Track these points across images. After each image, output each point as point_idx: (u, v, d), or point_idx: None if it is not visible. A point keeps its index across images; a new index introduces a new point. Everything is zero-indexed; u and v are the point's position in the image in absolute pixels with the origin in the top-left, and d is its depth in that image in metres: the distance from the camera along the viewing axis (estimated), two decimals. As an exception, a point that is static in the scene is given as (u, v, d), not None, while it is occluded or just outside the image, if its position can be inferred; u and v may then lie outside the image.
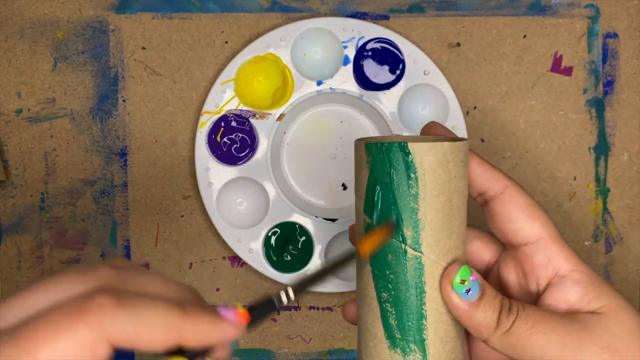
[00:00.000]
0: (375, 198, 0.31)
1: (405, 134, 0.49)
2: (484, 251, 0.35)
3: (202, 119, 0.49)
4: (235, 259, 0.50)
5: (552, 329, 0.30)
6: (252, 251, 0.49)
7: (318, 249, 0.49)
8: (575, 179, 0.51)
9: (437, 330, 0.31)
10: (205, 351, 0.26)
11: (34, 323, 0.24)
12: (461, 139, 0.32)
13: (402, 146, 0.30)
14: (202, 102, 0.50)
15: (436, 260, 0.31)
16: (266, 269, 0.49)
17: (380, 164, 0.31)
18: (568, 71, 0.51)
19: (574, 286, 0.32)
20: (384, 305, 0.32)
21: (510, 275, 0.34)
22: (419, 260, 0.31)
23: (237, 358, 0.51)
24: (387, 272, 0.31)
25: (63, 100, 0.50)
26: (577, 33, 0.51)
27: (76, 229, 0.50)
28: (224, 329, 0.26)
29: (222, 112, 0.49)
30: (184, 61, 0.50)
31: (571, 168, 0.51)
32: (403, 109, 0.49)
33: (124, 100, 0.50)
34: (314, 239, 0.49)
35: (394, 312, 0.31)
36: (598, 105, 0.51)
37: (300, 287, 0.29)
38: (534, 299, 0.33)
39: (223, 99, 0.49)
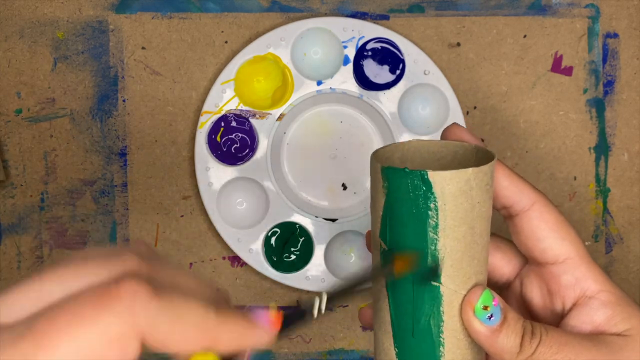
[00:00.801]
0: (391, 225, 0.30)
1: (405, 134, 0.49)
2: (504, 264, 0.34)
3: (202, 119, 0.49)
4: (235, 259, 0.50)
5: (577, 353, 0.29)
6: (252, 251, 0.49)
7: (318, 249, 0.49)
8: (575, 179, 0.51)
9: (454, 357, 0.31)
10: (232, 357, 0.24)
11: (52, 314, 0.20)
12: (488, 155, 0.30)
13: (421, 175, 0.28)
14: (202, 102, 0.50)
15: (455, 289, 0.30)
16: (266, 269, 0.49)
17: (397, 191, 0.29)
18: (568, 71, 0.51)
19: (601, 307, 0.31)
20: (400, 330, 0.31)
21: (534, 292, 0.33)
22: (437, 290, 0.30)
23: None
24: (404, 300, 0.30)
25: (63, 100, 0.50)
26: (578, 33, 0.51)
27: (76, 229, 0.50)
28: (258, 335, 0.24)
29: (222, 112, 0.49)
30: (183, 61, 0.50)
31: (571, 168, 0.51)
32: (403, 109, 0.49)
33: (123, 100, 0.50)
34: (314, 239, 0.49)
35: (410, 339, 0.31)
36: (598, 105, 0.51)
37: (336, 296, 0.28)
38: (557, 318, 0.32)
39: (223, 99, 0.49)
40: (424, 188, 0.28)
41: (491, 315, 0.29)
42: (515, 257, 0.34)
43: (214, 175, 0.49)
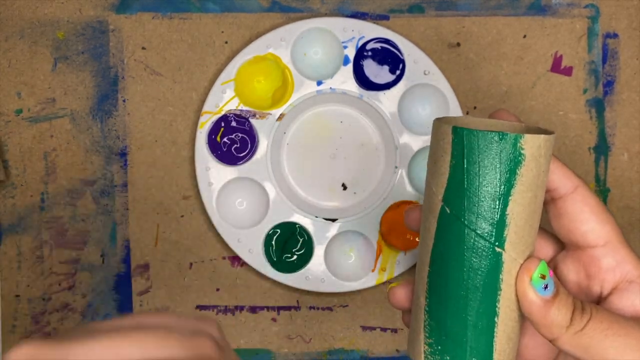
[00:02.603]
0: (460, 187, 0.30)
1: (405, 134, 0.49)
2: (543, 247, 0.34)
3: (202, 119, 0.49)
4: (235, 259, 0.50)
5: (627, 332, 0.29)
6: (252, 251, 0.49)
7: (318, 249, 0.49)
8: (575, 179, 0.51)
9: (505, 328, 0.31)
10: None
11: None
12: (536, 131, 0.31)
13: (500, 135, 0.29)
14: (202, 102, 0.50)
15: (515, 257, 0.30)
16: (266, 269, 0.49)
17: (470, 153, 0.29)
18: (568, 71, 0.51)
19: None
20: (456, 300, 0.31)
21: (570, 275, 0.33)
22: (499, 256, 0.30)
23: (237, 358, 0.51)
24: (464, 268, 0.30)
25: (63, 100, 0.50)
26: (577, 33, 0.51)
27: (76, 229, 0.50)
28: None
29: (222, 112, 0.49)
30: (184, 61, 0.50)
31: (571, 168, 0.51)
32: (403, 109, 0.49)
33: (124, 100, 0.50)
34: (314, 239, 0.49)
35: (465, 308, 0.31)
36: (598, 105, 0.51)
37: None
38: (594, 302, 0.33)
39: (223, 99, 0.49)
40: (501, 149, 0.29)
41: (546, 286, 0.29)
42: (552, 242, 0.34)
43: (214, 175, 0.49)
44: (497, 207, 0.30)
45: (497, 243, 0.30)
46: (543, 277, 0.30)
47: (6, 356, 0.22)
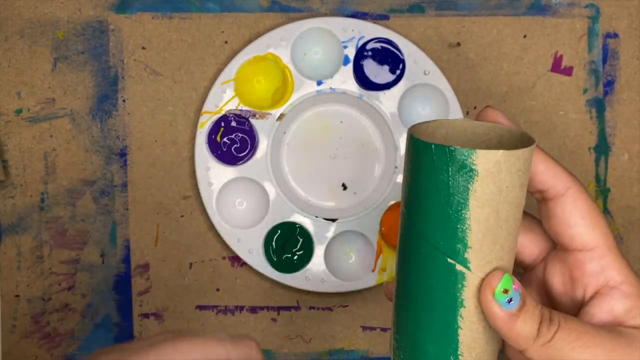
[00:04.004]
0: (417, 198, 0.30)
1: (405, 135, 0.49)
2: (534, 245, 0.34)
3: (202, 119, 0.49)
4: (235, 259, 0.50)
5: (596, 343, 0.29)
6: (252, 251, 0.49)
7: (318, 249, 0.49)
8: (575, 179, 0.51)
9: (467, 340, 0.30)
10: None
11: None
12: (528, 140, 0.30)
13: (449, 150, 0.28)
14: (202, 102, 0.50)
15: (474, 271, 0.29)
16: (266, 269, 0.49)
17: (424, 164, 0.29)
18: (568, 71, 0.51)
19: (622, 298, 0.31)
20: (416, 311, 0.31)
21: (556, 277, 0.33)
22: (453, 269, 0.29)
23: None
24: (420, 278, 0.30)
25: (63, 100, 0.50)
26: (578, 33, 0.51)
27: (76, 229, 0.50)
28: None
29: (222, 112, 0.49)
30: (184, 61, 0.50)
31: (571, 168, 0.51)
32: (403, 109, 0.49)
33: (123, 100, 0.50)
34: (314, 239, 0.49)
35: (426, 321, 0.31)
36: (598, 105, 0.51)
37: None
38: (577, 305, 0.32)
39: (223, 99, 0.49)
40: (451, 164, 0.28)
41: (510, 299, 0.29)
42: (545, 240, 0.34)
43: (214, 175, 0.49)
44: (449, 221, 0.29)
45: (450, 255, 0.29)
46: (506, 291, 0.29)
47: None
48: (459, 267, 0.29)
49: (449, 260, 0.29)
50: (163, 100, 0.50)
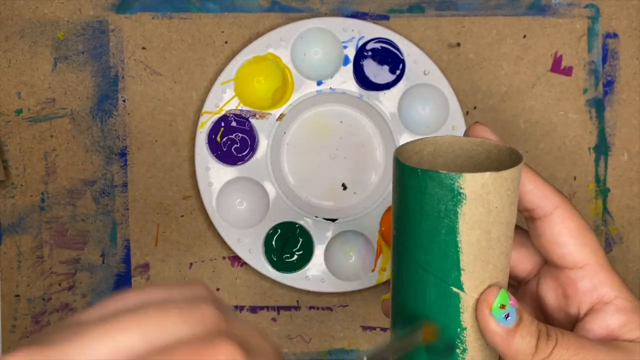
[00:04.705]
0: (404, 220, 0.29)
1: (405, 134, 0.49)
2: (527, 260, 0.34)
3: (202, 119, 0.49)
4: (235, 259, 0.50)
5: (594, 357, 0.29)
6: (252, 251, 0.49)
7: (318, 249, 0.49)
8: (575, 179, 0.51)
9: (465, 354, 0.31)
10: None
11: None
12: (517, 156, 0.29)
13: (435, 175, 0.28)
14: (202, 102, 0.50)
15: (467, 292, 0.29)
16: (266, 269, 0.49)
17: (411, 189, 0.29)
18: (568, 71, 0.51)
19: (616, 313, 0.31)
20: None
21: (550, 293, 0.33)
22: (448, 290, 0.29)
23: (237, 358, 0.51)
24: (416, 301, 0.30)
25: (63, 100, 0.50)
26: (577, 33, 0.51)
27: (76, 229, 0.50)
28: None
29: (222, 112, 0.49)
30: (184, 61, 0.50)
31: (571, 168, 0.51)
32: (403, 109, 0.49)
33: (124, 100, 0.50)
34: (314, 239, 0.49)
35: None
36: (598, 105, 0.51)
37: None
38: (572, 321, 0.33)
39: (223, 99, 0.49)
40: (438, 189, 0.28)
41: (507, 315, 0.29)
42: (538, 255, 0.34)
43: (214, 175, 0.49)
44: (440, 245, 0.29)
45: (443, 278, 0.29)
46: (503, 307, 0.29)
47: None
48: (454, 289, 0.29)
49: (443, 283, 0.29)
50: (163, 100, 0.50)
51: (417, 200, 0.28)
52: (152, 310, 0.21)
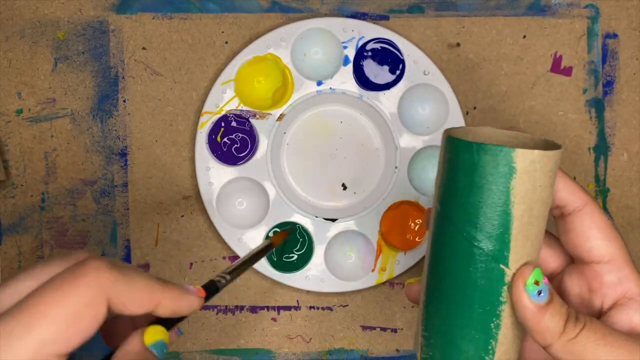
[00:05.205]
0: (455, 195, 0.31)
1: (405, 134, 0.49)
2: (551, 259, 0.36)
3: (203, 119, 0.49)
4: (235, 259, 0.50)
5: (620, 344, 0.30)
6: (252, 251, 0.49)
7: (318, 249, 0.49)
8: (574, 179, 0.51)
9: (499, 335, 0.31)
10: (172, 323, 0.30)
11: (37, 294, 0.26)
12: (556, 148, 0.31)
13: (489, 149, 0.30)
14: (202, 102, 0.50)
15: (510, 267, 0.31)
16: (266, 269, 0.49)
17: (464, 162, 0.30)
18: (568, 71, 0.51)
19: None
20: (452, 309, 0.31)
21: (574, 288, 0.34)
22: (494, 265, 0.31)
23: (237, 358, 0.51)
24: (458, 277, 0.31)
25: (63, 101, 0.50)
26: (577, 33, 0.51)
27: (76, 229, 0.50)
28: (191, 299, 0.31)
29: (222, 112, 0.49)
30: (184, 61, 0.50)
31: (571, 168, 0.51)
32: (403, 109, 0.49)
33: (124, 101, 0.50)
34: (314, 239, 0.49)
35: (460, 312, 0.31)
36: (598, 106, 0.51)
37: (233, 274, 0.36)
38: (594, 315, 0.33)
39: (223, 99, 0.49)
40: (492, 162, 0.30)
41: (540, 292, 0.30)
42: (562, 254, 0.35)
43: (214, 175, 0.49)
44: (490, 218, 0.30)
45: (491, 252, 0.30)
46: (537, 283, 0.30)
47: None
48: (499, 264, 0.30)
49: (490, 257, 0.30)
50: (163, 100, 0.50)
51: (469, 173, 0.30)
52: (40, 262, 0.28)
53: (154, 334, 0.29)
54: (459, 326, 0.31)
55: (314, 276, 0.49)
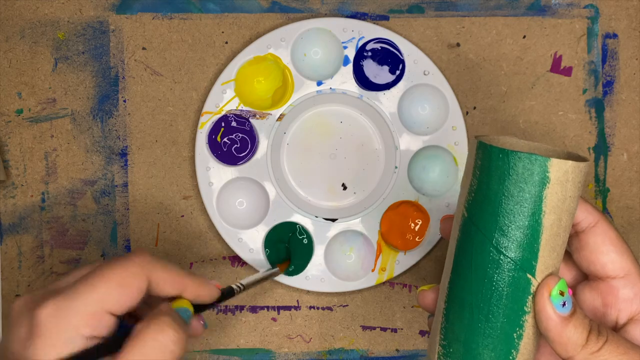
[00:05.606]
0: (485, 203, 0.31)
1: (405, 134, 0.49)
2: (566, 274, 0.36)
3: (203, 119, 0.49)
4: (235, 259, 0.51)
5: None
6: (252, 251, 0.49)
7: (318, 249, 0.49)
8: (574, 179, 0.51)
9: (526, 349, 0.32)
10: (197, 310, 0.36)
11: (99, 267, 0.32)
12: (580, 159, 0.31)
13: (525, 157, 0.29)
14: (203, 102, 0.50)
15: (537, 277, 0.31)
16: (266, 269, 0.49)
17: (498, 170, 0.30)
18: (567, 71, 0.51)
19: None
20: (476, 317, 0.31)
21: (586, 304, 0.34)
22: (521, 274, 0.31)
23: (237, 358, 0.51)
24: (483, 285, 0.31)
25: (63, 101, 0.50)
26: (577, 33, 0.51)
27: (77, 229, 0.50)
28: (212, 288, 0.36)
29: (223, 112, 0.49)
30: (184, 61, 0.50)
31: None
32: (403, 109, 0.49)
33: (124, 101, 0.50)
34: (314, 239, 0.49)
35: (483, 321, 0.31)
36: (597, 106, 0.51)
37: (248, 287, 0.42)
38: None
39: (223, 99, 0.49)
40: (526, 171, 0.30)
41: (564, 304, 0.30)
42: (575, 270, 0.36)
43: (214, 175, 0.49)
44: (521, 227, 0.30)
45: (520, 262, 0.30)
46: (562, 294, 0.30)
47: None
48: (527, 273, 0.30)
49: (518, 266, 0.30)
50: (163, 100, 0.50)
51: (502, 181, 0.30)
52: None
53: (180, 302, 0.35)
54: (482, 335, 0.31)
55: (314, 276, 0.49)
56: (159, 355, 0.31)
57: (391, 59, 0.49)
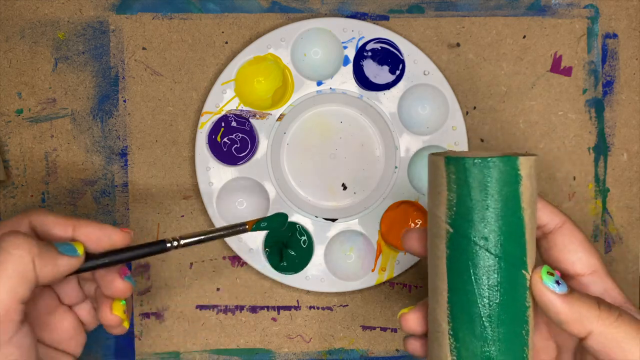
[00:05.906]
0: (470, 213, 0.31)
1: (405, 134, 0.49)
2: None
3: (203, 119, 0.49)
4: (235, 259, 0.51)
5: None
6: (252, 251, 0.49)
7: (318, 249, 0.49)
8: (574, 179, 0.51)
9: (533, 343, 0.32)
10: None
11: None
12: (532, 154, 0.33)
13: (496, 161, 0.31)
14: (203, 102, 0.50)
15: (527, 270, 0.32)
16: (266, 269, 0.49)
17: (474, 179, 0.31)
18: (567, 71, 0.51)
19: (636, 316, 0.33)
20: (485, 326, 0.32)
21: None
22: (518, 272, 0.31)
23: (237, 358, 0.51)
24: (487, 292, 0.31)
25: (64, 101, 0.50)
26: (577, 33, 0.51)
27: (77, 229, 0.50)
28: (109, 231, 0.35)
29: (223, 112, 0.49)
30: (184, 61, 0.50)
31: (570, 168, 0.51)
32: (403, 109, 0.49)
33: (124, 101, 0.50)
34: (314, 239, 0.49)
35: (496, 330, 0.32)
36: (597, 106, 0.51)
37: (190, 242, 0.37)
38: None
39: (223, 99, 0.49)
40: (501, 173, 0.31)
41: (558, 282, 0.31)
42: None
43: (214, 175, 0.49)
44: (509, 227, 0.31)
45: (513, 261, 0.31)
46: (551, 273, 0.31)
47: None
48: (522, 270, 0.31)
49: (516, 266, 0.31)
50: (163, 100, 0.50)
51: (483, 188, 0.31)
52: None
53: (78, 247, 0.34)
54: (497, 342, 0.31)
55: (314, 276, 0.49)
56: None
57: (391, 59, 0.49)
